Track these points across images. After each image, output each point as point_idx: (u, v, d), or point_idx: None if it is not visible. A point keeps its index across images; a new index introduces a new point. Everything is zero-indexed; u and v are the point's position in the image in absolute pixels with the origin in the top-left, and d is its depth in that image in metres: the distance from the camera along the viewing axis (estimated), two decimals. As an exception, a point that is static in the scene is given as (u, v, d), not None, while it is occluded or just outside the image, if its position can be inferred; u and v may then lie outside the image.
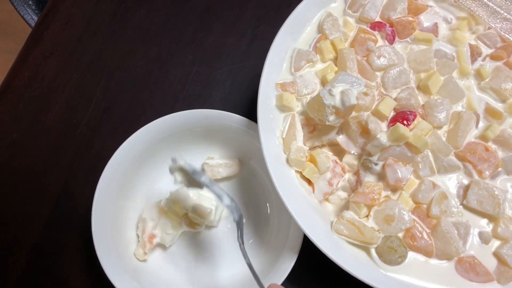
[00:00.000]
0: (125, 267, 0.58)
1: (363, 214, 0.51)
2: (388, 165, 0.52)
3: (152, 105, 0.72)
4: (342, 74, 0.51)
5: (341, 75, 0.51)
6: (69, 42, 0.75)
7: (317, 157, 0.53)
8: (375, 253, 0.51)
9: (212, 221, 0.61)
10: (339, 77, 0.51)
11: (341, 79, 0.50)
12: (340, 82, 0.50)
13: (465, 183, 0.53)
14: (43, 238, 0.65)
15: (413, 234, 0.51)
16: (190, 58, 0.74)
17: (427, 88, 0.54)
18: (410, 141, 0.50)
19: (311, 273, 0.61)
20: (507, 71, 0.57)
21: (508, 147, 0.54)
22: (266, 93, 0.55)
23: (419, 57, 0.57)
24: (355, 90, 0.50)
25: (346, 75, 0.51)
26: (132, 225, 0.62)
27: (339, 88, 0.49)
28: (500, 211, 0.51)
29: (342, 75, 0.51)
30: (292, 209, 0.51)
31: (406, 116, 0.52)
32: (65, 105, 0.72)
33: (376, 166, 0.52)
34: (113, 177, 0.59)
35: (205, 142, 0.65)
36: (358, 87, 0.50)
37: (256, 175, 0.65)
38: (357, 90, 0.50)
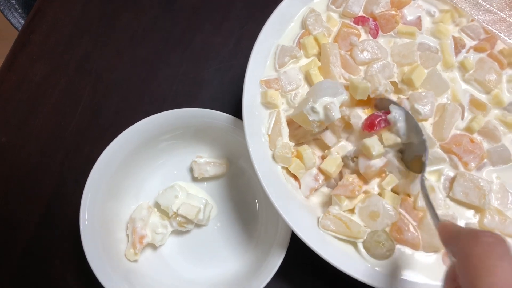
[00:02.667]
0: (115, 268, 0.57)
1: (345, 207, 0.51)
2: (361, 156, 0.51)
3: (141, 106, 0.71)
4: (324, 82, 0.51)
5: (323, 84, 0.51)
6: (57, 45, 0.74)
7: (304, 153, 0.52)
8: (363, 247, 0.50)
9: (201, 220, 0.60)
10: (321, 87, 0.50)
11: (323, 90, 0.50)
12: (322, 95, 0.49)
13: (450, 175, 0.53)
14: (34, 241, 0.64)
15: (399, 227, 0.50)
16: (178, 58, 0.73)
17: (411, 82, 0.54)
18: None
19: (300, 268, 0.60)
20: (491, 63, 0.56)
21: (493, 138, 0.54)
22: (251, 91, 0.55)
23: (403, 51, 0.56)
24: (337, 102, 0.49)
25: (327, 83, 0.51)
26: (122, 226, 0.62)
27: (322, 103, 0.49)
28: (485, 202, 0.50)
29: (324, 84, 0.51)
30: (278, 206, 0.50)
31: (377, 122, 0.51)
32: (54, 108, 0.71)
33: (352, 163, 0.52)
34: (101, 178, 0.58)
35: (194, 141, 0.65)
36: (341, 96, 0.50)
37: (244, 174, 0.65)
38: (339, 100, 0.49)
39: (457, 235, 0.35)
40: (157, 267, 0.61)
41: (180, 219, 0.60)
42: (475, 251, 0.31)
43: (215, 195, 0.65)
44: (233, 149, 0.63)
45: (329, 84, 0.50)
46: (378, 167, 0.50)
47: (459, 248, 0.33)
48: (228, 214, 0.64)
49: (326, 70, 0.54)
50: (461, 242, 0.33)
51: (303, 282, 0.61)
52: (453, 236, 0.35)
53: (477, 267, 0.30)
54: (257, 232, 0.62)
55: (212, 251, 0.62)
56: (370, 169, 0.50)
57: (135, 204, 0.62)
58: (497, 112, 0.55)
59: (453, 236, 0.35)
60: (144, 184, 0.64)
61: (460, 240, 0.33)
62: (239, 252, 0.61)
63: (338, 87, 0.50)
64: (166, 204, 0.60)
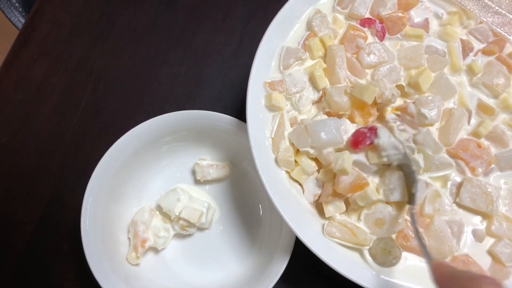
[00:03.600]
0: (117, 272, 0.56)
1: (343, 208, 0.50)
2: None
3: (141, 106, 0.70)
4: (325, 125, 0.50)
5: (324, 126, 0.50)
6: (57, 44, 0.73)
7: (300, 162, 0.51)
8: (369, 255, 0.49)
9: (203, 223, 0.59)
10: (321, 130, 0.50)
11: (322, 135, 0.50)
12: (322, 143, 0.50)
13: (457, 180, 0.52)
14: (34, 243, 0.63)
15: (406, 234, 0.49)
16: (179, 58, 0.72)
17: (418, 85, 0.52)
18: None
19: (304, 274, 0.59)
20: (499, 66, 0.55)
21: (501, 143, 0.53)
22: (255, 93, 0.53)
23: (410, 54, 0.55)
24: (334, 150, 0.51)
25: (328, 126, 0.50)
26: (123, 229, 0.60)
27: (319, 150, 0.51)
28: (493, 209, 0.49)
29: (324, 127, 0.50)
30: (282, 211, 0.49)
31: (360, 140, 0.49)
32: (54, 108, 0.70)
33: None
34: (102, 180, 0.57)
35: (197, 143, 0.63)
36: (339, 145, 0.50)
37: (248, 177, 0.63)
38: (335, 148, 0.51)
39: (454, 278, 0.34)
40: (159, 271, 0.59)
41: (183, 222, 0.59)
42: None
43: (218, 198, 0.63)
44: (236, 151, 0.62)
45: (328, 128, 0.50)
46: (347, 183, 0.48)
47: None
48: (231, 217, 0.62)
49: (331, 72, 0.53)
50: (460, 286, 0.32)
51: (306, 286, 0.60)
52: (449, 278, 0.35)
53: None
54: (260, 236, 0.60)
55: (215, 255, 0.61)
56: (339, 185, 0.49)
57: (137, 207, 0.61)
58: (505, 116, 0.54)
59: (449, 278, 0.35)
60: (146, 187, 0.63)
61: (459, 284, 0.33)
62: (242, 256, 0.60)
63: (337, 136, 0.49)
64: (168, 207, 0.59)
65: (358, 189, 0.48)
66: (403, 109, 0.53)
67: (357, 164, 0.50)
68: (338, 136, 0.50)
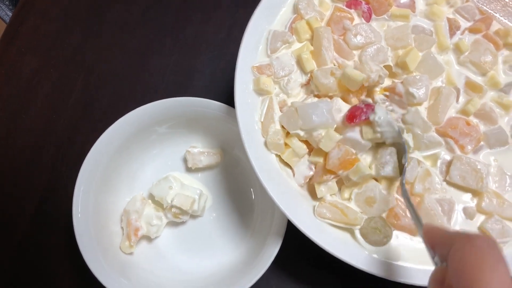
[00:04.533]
0: (110, 261, 0.55)
1: (335, 189, 0.50)
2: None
3: (133, 97, 0.69)
4: (316, 108, 0.49)
5: (315, 110, 0.49)
6: (46, 37, 0.72)
7: (291, 144, 0.51)
8: (360, 234, 0.49)
9: (196, 211, 0.59)
10: (312, 113, 0.49)
11: (314, 118, 0.49)
12: (312, 125, 0.49)
13: (447, 159, 0.51)
14: (28, 236, 0.63)
15: (396, 213, 0.49)
16: (169, 48, 0.71)
17: (405, 65, 0.52)
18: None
19: (297, 256, 0.59)
20: (486, 44, 0.54)
21: (489, 120, 0.52)
22: (243, 78, 0.53)
23: (397, 34, 0.54)
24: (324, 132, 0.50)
25: (318, 109, 0.49)
26: (116, 219, 0.60)
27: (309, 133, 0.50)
28: (483, 186, 0.49)
29: (315, 110, 0.49)
30: (273, 194, 0.49)
31: (357, 114, 0.49)
32: (45, 101, 0.69)
33: None
34: (93, 171, 0.57)
35: (188, 131, 0.63)
36: (331, 127, 0.50)
37: (239, 163, 0.63)
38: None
39: (448, 238, 0.34)
40: (153, 259, 0.59)
41: (175, 210, 0.58)
42: (471, 255, 0.30)
43: (210, 185, 0.63)
44: (227, 138, 0.62)
45: (320, 111, 0.49)
46: (336, 159, 0.48)
47: (452, 252, 0.32)
48: (223, 204, 0.62)
49: (318, 54, 0.52)
50: (456, 246, 0.32)
51: (300, 270, 0.59)
52: (443, 239, 0.35)
53: (473, 271, 0.29)
54: (253, 222, 0.60)
55: (208, 241, 0.61)
56: (329, 161, 0.48)
57: (129, 196, 0.61)
58: (493, 94, 0.54)
59: (443, 239, 0.35)
60: (138, 176, 0.62)
61: (454, 243, 0.32)
62: (235, 242, 0.60)
63: (329, 119, 0.49)
64: (160, 195, 0.59)
65: (348, 165, 0.48)
66: (392, 89, 0.52)
67: (350, 142, 0.49)
68: (330, 118, 0.49)
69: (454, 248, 0.32)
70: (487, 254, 0.30)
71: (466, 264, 0.30)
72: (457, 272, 0.30)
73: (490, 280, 0.28)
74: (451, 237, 0.33)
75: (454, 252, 0.32)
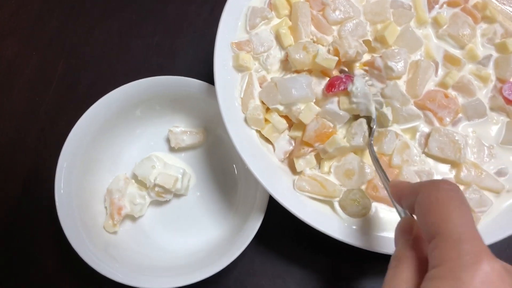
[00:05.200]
0: (94, 241, 0.55)
1: (313, 162, 0.50)
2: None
3: (115, 79, 0.68)
4: (295, 82, 0.50)
5: (295, 84, 0.50)
6: (27, 20, 0.71)
7: (271, 119, 0.51)
8: (339, 206, 0.49)
9: (179, 189, 0.59)
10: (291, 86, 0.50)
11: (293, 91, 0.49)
12: (292, 99, 0.49)
13: (426, 131, 0.51)
14: (12, 218, 0.62)
15: (375, 185, 0.49)
16: (150, 29, 0.71)
17: (384, 39, 0.52)
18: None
19: (279, 231, 0.59)
20: (465, 17, 0.54)
21: (467, 93, 0.52)
22: (222, 54, 0.53)
23: (375, 8, 0.54)
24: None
25: (298, 83, 0.50)
26: (100, 198, 0.60)
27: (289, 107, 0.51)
28: (461, 156, 0.49)
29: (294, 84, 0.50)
30: (254, 169, 0.49)
31: (337, 83, 0.49)
32: (27, 84, 0.69)
33: None
34: (75, 150, 0.56)
35: (170, 111, 0.63)
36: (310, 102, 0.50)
37: (223, 142, 0.63)
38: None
39: (413, 188, 0.34)
40: (137, 238, 0.59)
41: (158, 189, 0.58)
42: (437, 197, 0.31)
43: (194, 165, 0.63)
44: (210, 117, 0.62)
45: (299, 85, 0.49)
46: (312, 131, 0.48)
47: (419, 198, 0.33)
48: (207, 183, 0.62)
49: (295, 29, 0.52)
50: (423, 192, 0.33)
51: (282, 244, 0.59)
52: (408, 190, 0.35)
53: (440, 211, 0.30)
54: (236, 198, 0.60)
55: (193, 220, 0.61)
56: (305, 133, 0.49)
57: (112, 177, 0.60)
58: (471, 66, 0.54)
59: (408, 190, 0.35)
60: (121, 156, 0.62)
61: (422, 190, 0.33)
62: (219, 219, 0.60)
63: (308, 92, 0.49)
64: (143, 175, 0.59)
65: (324, 138, 0.48)
66: (371, 64, 0.52)
67: (329, 114, 0.49)
68: (309, 92, 0.49)
69: (420, 195, 0.33)
70: (451, 196, 0.31)
71: (432, 206, 0.31)
72: (424, 216, 0.31)
73: (455, 219, 0.29)
74: (417, 186, 0.34)
75: (420, 198, 0.32)
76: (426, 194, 0.32)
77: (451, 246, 0.28)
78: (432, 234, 0.30)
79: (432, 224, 0.30)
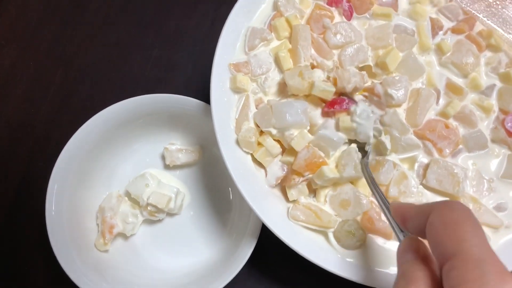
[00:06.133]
0: (84, 259, 0.54)
1: (305, 192, 0.49)
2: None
3: (113, 91, 0.67)
4: (290, 107, 0.48)
5: (290, 109, 0.48)
6: (26, 29, 0.70)
7: (264, 143, 0.49)
8: (333, 237, 0.48)
9: (172, 209, 0.57)
10: (286, 112, 0.48)
11: (287, 117, 0.48)
12: (285, 125, 0.48)
13: (425, 162, 0.50)
14: (1, 232, 0.61)
15: (370, 216, 0.47)
16: (150, 41, 0.70)
17: (385, 65, 0.50)
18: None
19: (272, 257, 0.58)
20: (469, 45, 0.53)
21: (469, 123, 0.51)
22: (220, 75, 0.51)
23: (377, 33, 0.53)
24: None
25: (293, 108, 0.48)
26: (92, 215, 0.59)
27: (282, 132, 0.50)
28: (459, 190, 0.48)
29: (290, 109, 0.48)
30: (247, 195, 0.48)
31: (339, 101, 0.49)
32: (23, 94, 0.67)
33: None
34: (68, 166, 0.55)
35: (167, 128, 0.62)
36: (303, 128, 0.49)
37: (218, 162, 0.61)
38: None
39: (422, 209, 0.34)
40: (129, 257, 0.58)
41: (151, 208, 0.57)
42: (454, 217, 0.30)
43: (188, 183, 0.62)
44: (206, 136, 0.60)
45: (294, 110, 0.48)
46: (302, 160, 0.47)
47: (434, 218, 0.31)
48: (201, 202, 0.61)
49: (295, 53, 0.51)
50: (436, 212, 0.32)
51: (275, 270, 0.58)
52: (416, 211, 0.35)
53: (460, 231, 0.29)
54: (230, 221, 0.59)
55: (185, 240, 0.60)
56: (295, 161, 0.47)
57: (106, 193, 0.59)
58: (474, 96, 0.52)
59: (416, 211, 0.35)
60: (115, 172, 0.61)
61: (432, 211, 0.32)
62: (212, 240, 0.59)
63: (303, 119, 0.48)
64: (136, 193, 0.58)
65: (314, 167, 0.47)
66: (370, 90, 0.51)
67: (323, 139, 0.48)
68: (304, 118, 0.48)
69: (433, 215, 0.32)
70: (466, 216, 0.30)
71: (448, 226, 0.30)
72: (439, 236, 0.30)
73: (472, 239, 0.29)
74: (426, 207, 0.33)
75: (434, 218, 0.31)
76: (440, 214, 0.31)
77: (472, 266, 0.27)
78: (448, 255, 0.29)
79: (448, 245, 0.29)
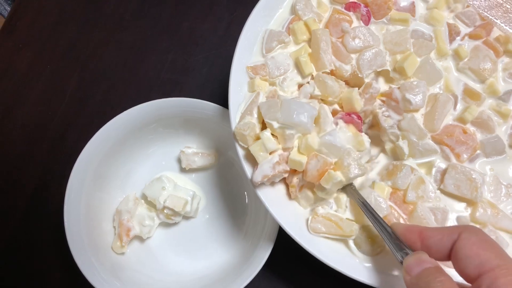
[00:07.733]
0: (101, 261, 0.54)
1: (311, 196, 0.49)
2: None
3: (127, 94, 0.68)
4: (298, 105, 0.47)
5: (298, 107, 0.47)
6: (43, 33, 0.71)
7: (261, 135, 0.47)
8: (353, 243, 0.48)
9: (188, 212, 0.58)
10: (293, 108, 0.47)
11: (295, 114, 0.47)
12: (293, 121, 0.46)
13: (442, 167, 0.50)
14: (19, 232, 0.62)
15: (390, 221, 0.47)
16: (165, 45, 0.70)
17: (403, 70, 0.50)
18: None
19: (288, 260, 0.58)
20: (486, 51, 0.53)
21: (487, 129, 0.51)
22: (238, 79, 0.51)
23: (395, 38, 0.52)
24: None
25: (301, 107, 0.47)
26: (108, 218, 0.59)
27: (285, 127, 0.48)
28: (477, 195, 0.48)
29: (297, 107, 0.47)
30: (266, 201, 0.47)
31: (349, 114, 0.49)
32: (39, 97, 0.68)
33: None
34: (86, 168, 0.56)
35: (184, 132, 0.62)
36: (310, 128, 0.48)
37: (234, 165, 0.62)
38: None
39: (452, 229, 0.38)
40: (145, 260, 0.58)
41: (167, 211, 0.57)
42: (486, 238, 0.36)
43: (204, 187, 0.62)
44: (222, 140, 0.60)
45: (303, 111, 0.47)
46: (315, 170, 0.46)
47: (469, 237, 0.36)
48: (216, 206, 0.61)
49: (317, 58, 0.50)
50: (468, 232, 0.36)
51: (291, 274, 0.58)
52: (441, 231, 0.38)
53: (496, 247, 0.35)
54: (245, 225, 0.59)
55: (201, 243, 0.60)
56: (307, 173, 0.47)
57: (122, 195, 0.60)
58: (491, 101, 0.52)
59: (441, 231, 0.38)
60: (132, 174, 0.61)
61: (466, 231, 0.37)
62: (227, 244, 0.59)
63: (307, 123, 0.47)
64: (153, 196, 0.58)
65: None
66: (388, 95, 0.51)
67: (326, 145, 0.47)
68: (309, 123, 0.47)
69: (467, 233, 0.36)
70: (492, 238, 0.36)
71: (486, 243, 0.35)
72: (480, 249, 0.35)
73: (506, 254, 0.35)
74: (453, 228, 0.38)
75: (469, 235, 0.36)
76: (476, 233, 0.36)
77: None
78: (490, 266, 0.33)
79: (490, 257, 0.34)
